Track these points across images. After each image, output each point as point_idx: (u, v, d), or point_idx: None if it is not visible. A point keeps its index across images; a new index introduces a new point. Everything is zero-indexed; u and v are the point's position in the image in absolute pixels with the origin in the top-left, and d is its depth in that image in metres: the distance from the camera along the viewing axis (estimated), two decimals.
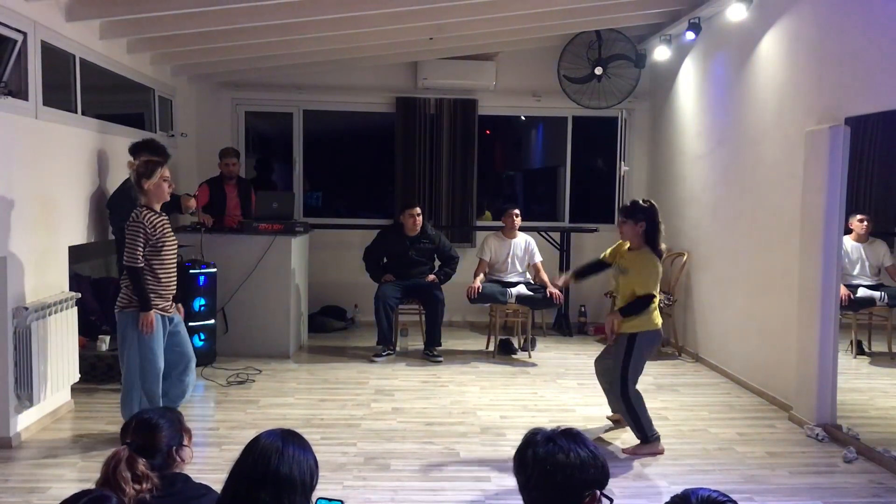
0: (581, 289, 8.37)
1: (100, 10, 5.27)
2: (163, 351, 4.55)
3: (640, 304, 4.60)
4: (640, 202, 4.74)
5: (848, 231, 6.12)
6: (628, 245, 4.79)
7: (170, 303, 4.63)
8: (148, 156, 5.56)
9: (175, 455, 2.34)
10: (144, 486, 2.13)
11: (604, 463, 1.85)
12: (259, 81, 8.20)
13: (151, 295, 4.46)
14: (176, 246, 4.67)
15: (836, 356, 4.94)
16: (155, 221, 4.47)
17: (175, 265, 4.66)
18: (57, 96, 5.04)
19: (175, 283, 4.66)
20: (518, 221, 7.11)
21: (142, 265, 4.43)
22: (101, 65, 5.70)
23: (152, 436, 2.29)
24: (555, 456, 1.81)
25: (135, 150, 5.63)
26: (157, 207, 4.55)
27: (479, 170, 8.55)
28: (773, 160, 5.68)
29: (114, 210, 5.46)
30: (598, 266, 5.10)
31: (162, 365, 4.56)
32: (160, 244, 4.48)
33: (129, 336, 4.47)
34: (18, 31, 4.49)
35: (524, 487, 1.85)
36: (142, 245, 4.40)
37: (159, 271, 4.51)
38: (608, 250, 4.99)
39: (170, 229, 4.61)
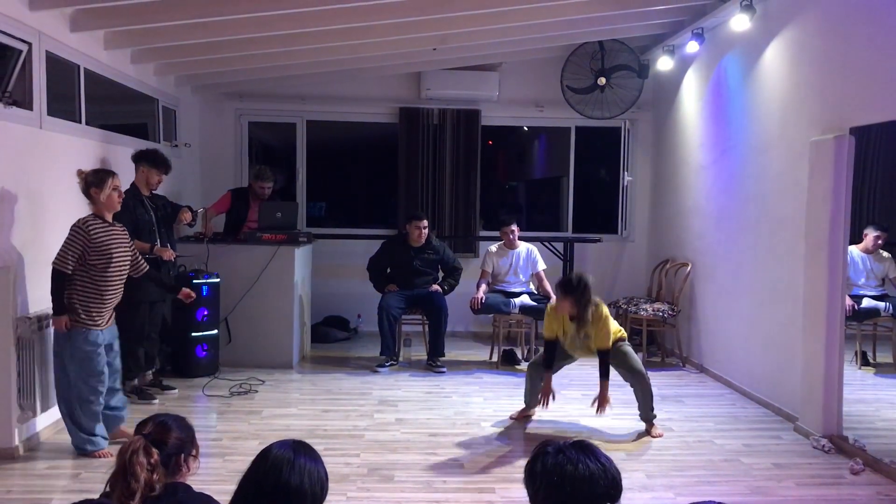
0: None
1: (104, 20, 5.29)
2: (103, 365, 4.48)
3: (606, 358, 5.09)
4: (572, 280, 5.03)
5: (856, 241, 6.11)
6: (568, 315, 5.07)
7: (109, 316, 4.53)
8: (147, 166, 5.60)
9: (183, 463, 2.33)
10: (155, 476, 2.14)
11: (615, 476, 1.80)
12: (263, 92, 8.22)
13: (92, 312, 4.38)
14: (127, 258, 4.58)
15: (842, 367, 4.92)
16: (98, 231, 4.39)
17: (122, 278, 4.56)
18: (61, 106, 5.05)
19: (119, 296, 4.57)
20: (515, 236, 7.08)
21: (69, 271, 4.32)
22: (105, 75, 5.71)
23: (166, 434, 2.29)
24: (563, 467, 1.77)
25: (137, 159, 5.66)
26: (109, 218, 4.50)
27: (482, 180, 8.55)
28: (777, 170, 5.67)
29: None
30: (554, 348, 5.24)
31: (104, 378, 4.48)
32: (106, 258, 4.39)
33: (64, 348, 4.39)
34: (23, 41, 4.50)
35: (532, 500, 1.82)
36: (74, 253, 4.31)
37: (102, 287, 4.41)
38: (548, 329, 5.22)
39: (121, 241, 4.52)
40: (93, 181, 4.46)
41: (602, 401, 5.05)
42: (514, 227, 7.08)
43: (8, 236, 4.36)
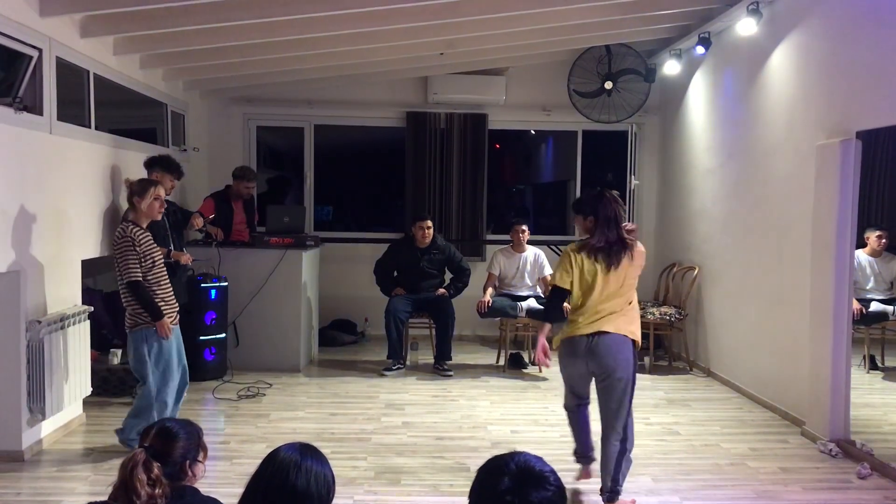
0: None
1: (114, 26, 5.32)
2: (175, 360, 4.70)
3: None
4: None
5: (862, 245, 6.11)
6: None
7: (176, 314, 4.73)
8: (161, 172, 5.65)
9: (188, 469, 2.34)
10: (157, 490, 2.15)
11: (563, 492, 1.77)
12: (271, 96, 8.26)
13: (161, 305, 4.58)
14: (162, 260, 4.76)
15: (849, 371, 4.91)
16: (141, 236, 4.58)
17: (166, 278, 4.73)
18: (71, 111, 5.08)
19: (173, 293, 4.76)
20: (526, 237, 7.11)
21: (140, 278, 4.52)
22: (114, 80, 5.75)
23: (170, 444, 2.31)
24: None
25: (150, 164, 5.71)
26: (144, 224, 4.66)
27: (489, 184, 8.57)
28: (783, 174, 5.67)
29: None
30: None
31: (178, 376, 4.71)
32: (150, 260, 4.58)
33: (145, 353, 4.55)
34: (34, 47, 4.54)
35: None
36: (134, 258, 4.50)
37: (155, 287, 4.60)
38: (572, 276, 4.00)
39: (154, 244, 4.70)
40: (137, 190, 4.65)
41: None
42: (525, 227, 7.12)
43: (18, 240, 4.39)
